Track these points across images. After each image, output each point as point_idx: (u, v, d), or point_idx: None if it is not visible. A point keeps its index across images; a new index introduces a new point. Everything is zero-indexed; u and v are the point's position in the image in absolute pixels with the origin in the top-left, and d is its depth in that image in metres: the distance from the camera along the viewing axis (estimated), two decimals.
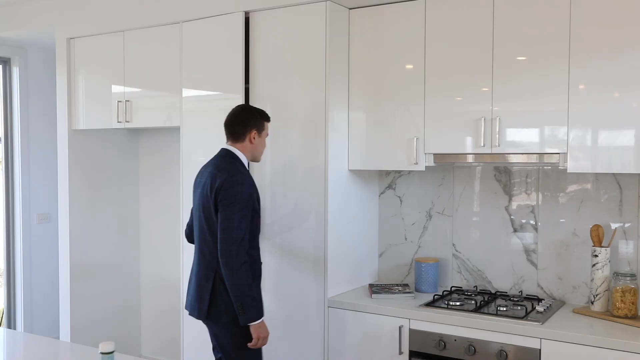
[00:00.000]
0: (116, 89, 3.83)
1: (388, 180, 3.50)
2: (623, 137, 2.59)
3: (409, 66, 3.05)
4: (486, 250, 3.23)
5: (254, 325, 2.59)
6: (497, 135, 2.80)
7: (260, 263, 2.77)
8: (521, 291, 3.10)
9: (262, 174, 3.26)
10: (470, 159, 2.95)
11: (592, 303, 2.79)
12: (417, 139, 3.00)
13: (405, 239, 3.45)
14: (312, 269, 3.11)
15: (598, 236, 2.80)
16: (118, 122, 3.79)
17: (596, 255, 2.77)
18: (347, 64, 3.19)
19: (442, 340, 2.76)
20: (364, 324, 2.98)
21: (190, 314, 2.77)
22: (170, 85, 3.58)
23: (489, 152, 2.84)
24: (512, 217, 3.16)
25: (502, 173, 3.18)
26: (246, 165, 2.75)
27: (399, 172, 3.44)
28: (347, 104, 3.21)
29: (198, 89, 3.50)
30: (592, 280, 2.79)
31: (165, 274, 4.27)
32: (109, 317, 4.21)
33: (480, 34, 2.84)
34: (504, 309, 2.79)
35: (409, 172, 3.40)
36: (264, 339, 2.64)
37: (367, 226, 3.44)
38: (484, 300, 2.96)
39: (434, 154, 3.01)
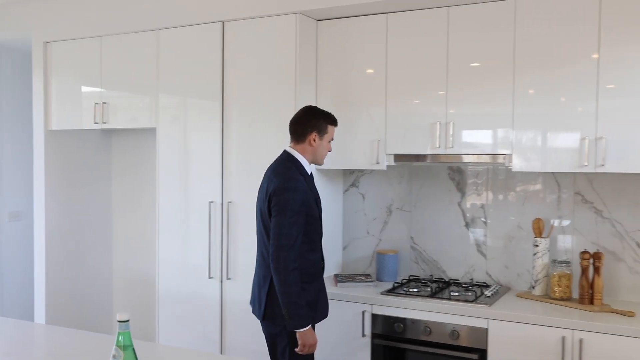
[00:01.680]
0: (93, 91, 3.99)
1: (352, 179, 3.77)
2: (566, 139, 2.90)
3: (372, 73, 3.32)
4: (441, 243, 3.54)
5: (299, 332, 2.57)
6: (452, 138, 3.11)
7: (320, 266, 2.76)
8: (472, 279, 3.42)
9: (239, 174, 3.49)
10: (426, 159, 3.25)
11: (534, 288, 3.13)
12: (379, 140, 3.29)
13: (367, 232, 3.74)
14: None
15: (539, 228, 3.13)
16: (95, 123, 3.96)
17: (537, 246, 3.11)
18: (315, 71, 3.45)
19: (401, 323, 3.05)
20: (330, 310, 3.22)
21: (252, 312, 2.82)
22: (146, 89, 3.77)
23: (444, 152, 3.14)
24: (464, 212, 3.47)
25: (456, 172, 3.49)
26: (307, 168, 2.73)
27: (362, 171, 3.72)
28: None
29: (175, 93, 3.70)
30: (533, 267, 3.13)
31: (138, 268, 4.44)
32: (82, 311, 4.35)
33: (437, 43, 3.14)
34: (456, 294, 3.09)
35: (371, 171, 3.68)
36: (311, 347, 2.60)
37: (332, 221, 3.70)
38: (439, 287, 3.26)
39: (394, 154, 3.29)
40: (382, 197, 3.68)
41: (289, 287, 2.53)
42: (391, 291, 3.22)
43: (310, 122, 2.72)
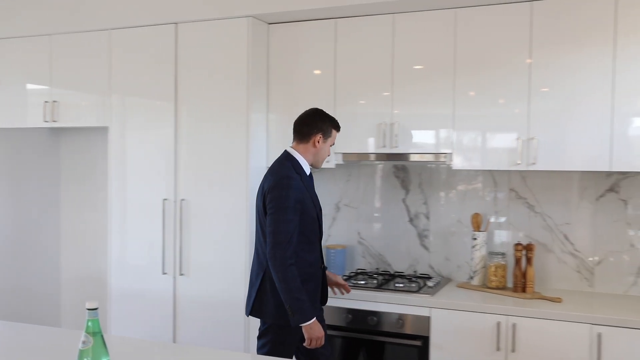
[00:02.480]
0: (42, 89, 3.99)
1: None
2: (503, 139, 3.12)
3: (321, 75, 3.47)
4: (386, 238, 3.72)
5: (304, 326, 2.59)
6: (397, 137, 3.29)
7: (318, 267, 2.78)
8: (415, 271, 3.61)
9: (192, 172, 3.57)
10: (373, 158, 3.43)
11: (472, 278, 3.34)
12: None
13: None
14: (237, 256, 3.46)
15: (477, 223, 3.35)
16: (45, 121, 3.96)
17: (475, 239, 3.33)
18: (266, 72, 3.57)
19: (349, 313, 3.21)
20: None
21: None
22: (98, 88, 3.80)
23: (389, 152, 3.32)
24: (408, 208, 3.66)
25: (400, 170, 3.68)
26: (306, 168, 2.77)
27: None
28: (267, 108, 3.59)
29: (128, 92, 3.74)
30: (472, 259, 3.35)
31: (89, 266, 4.44)
32: (28, 309, 4.33)
33: (383, 47, 3.31)
34: (401, 285, 3.28)
35: (321, 169, 3.82)
36: (317, 339, 2.63)
37: None
38: (385, 279, 3.44)
39: (342, 153, 3.45)
40: (331, 195, 3.84)
41: (289, 283, 2.55)
42: None
43: (317, 124, 2.78)
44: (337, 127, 2.86)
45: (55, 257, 4.56)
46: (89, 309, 1.59)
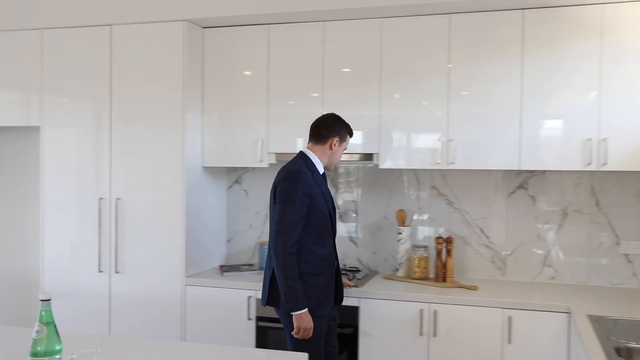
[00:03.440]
0: None
1: (235, 176, 4.04)
2: (425, 140, 3.36)
3: (255, 78, 3.61)
4: None
5: (295, 315, 2.69)
6: None
7: (330, 262, 2.86)
8: (345, 264, 3.82)
9: (127, 172, 3.63)
10: None
11: (397, 270, 3.58)
12: (262, 140, 3.59)
13: (250, 226, 4.03)
14: (172, 254, 3.56)
15: (402, 218, 3.59)
16: None
17: (400, 233, 3.56)
18: (201, 74, 3.68)
19: None
20: (218, 297, 3.48)
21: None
22: (30, 88, 3.78)
23: None
24: (338, 206, 3.87)
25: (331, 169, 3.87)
26: (319, 167, 2.88)
27: (245, 168, 4.00)
28: (202, 109, 3.70)
29: (62, 92, 3.74)
30: (397, 252, 3.58)
31: (19, 266, 4.39)
32: None
33: (314, 52, 3.49)
34: None
35: (254, 168, 3.97)
36: (305, 330, 2.71)
37: (217, 216, 3.95)
38: None
39: (275, 153, 3.61)
40: (264, 193, 3.98)
41: (286, 270, 2.66)
42: None
43: (336, 128, 2.92)
44: (351, 133, 3.01)
45: None
46: (42, 300, 1.68)
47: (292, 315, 2.72)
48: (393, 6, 3.22)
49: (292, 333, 2.75)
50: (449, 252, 3.43)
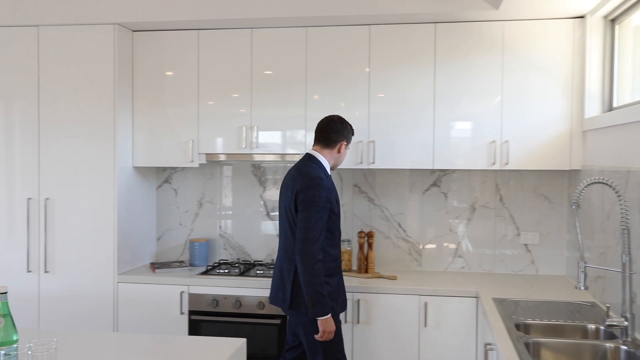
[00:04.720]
0: None
1: (165, 176, 4.14)
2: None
3: (186, 81, 3.73)
4: (246, 230, 4.08)
5: (321, 319, 2.76)
6: (256, 139, 3.65)
7: (340, 261, 2.95)
8: (273, 259, 4.01)
9: (57, 173, 3.65)
10: (233, 158, 3.76)
11: None
12: (192, 141, 3.71)
13: (180, 224, 4.14)
14: (104, 252, 3.62)
15: None
16: None
17: None
18: (131, 76, 3.76)
19: (215, 300, 3.52)
20: (151, 293, 3.58)
21: (271, 303, 2.99)
22: None
23: (248, 152, 3.68)
24: (265, 203, 4.05)
25: (258, 169, 4.06)
26: (328, 170, 2.96)
27: (175, 168, 4.11)
28: (132, 110, 3.77)
29: None
30: None
31: None
32: None
33: (242, 56, 3.66)
34: (261, 272, 3.65)
35: (183, 168, 4.09)
36: (329, 333, 2.79)
37: (147, 215, 4.04)
38: (246, 268, 3.80)
39: (206, 153, 3.75)
40: (194, 192, 4.11)
41: (314, 277, 2.72)
42: (205, 273, 3.67)
43: (344, 132, 3.01)
44: (353, 134, 3.12)
45: None
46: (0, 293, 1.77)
47: (317, 320, 2.79)
48: (318, 17, 3.44)
49: (317, 337, 2.81)
50: (370, 245, 3.69)
